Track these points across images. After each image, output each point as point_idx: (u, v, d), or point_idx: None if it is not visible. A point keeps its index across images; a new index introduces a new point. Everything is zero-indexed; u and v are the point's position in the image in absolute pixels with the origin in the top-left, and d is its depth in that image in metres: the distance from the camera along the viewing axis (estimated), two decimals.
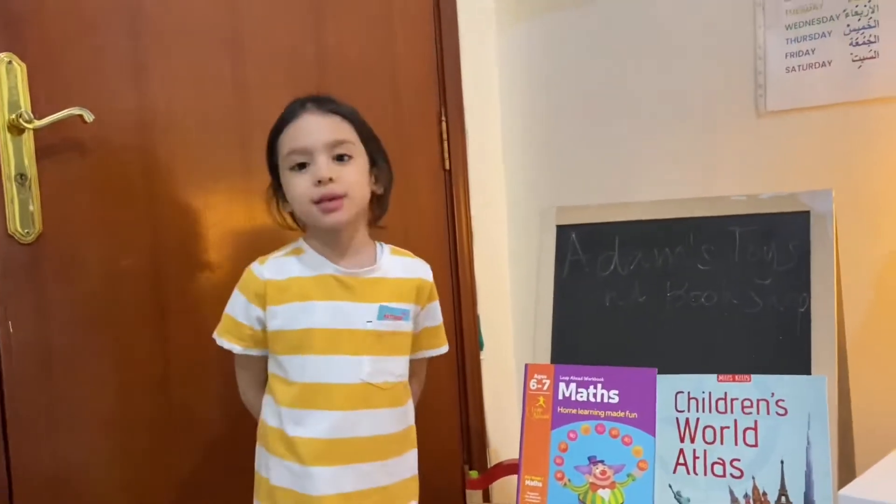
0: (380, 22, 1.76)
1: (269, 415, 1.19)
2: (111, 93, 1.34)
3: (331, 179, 1.14)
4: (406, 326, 1.25)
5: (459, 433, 1.91)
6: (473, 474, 1.80)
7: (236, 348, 1.21)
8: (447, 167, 1.88)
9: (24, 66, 1.24)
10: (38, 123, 1.22)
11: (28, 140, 1.24)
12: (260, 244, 1.30)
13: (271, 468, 1.18)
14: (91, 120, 1.26)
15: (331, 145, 1.16)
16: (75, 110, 1.25)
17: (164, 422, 1.39)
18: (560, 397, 1.30)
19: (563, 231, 1.38)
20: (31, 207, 1.24)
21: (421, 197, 1.84)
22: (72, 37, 1.30)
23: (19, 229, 1.23)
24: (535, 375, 1.34)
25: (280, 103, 1.25)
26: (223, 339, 1.21)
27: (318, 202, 1.15)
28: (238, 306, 1.20)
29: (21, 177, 1.23)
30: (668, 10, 1.63)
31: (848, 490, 0.84)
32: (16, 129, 1.22)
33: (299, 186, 1.16)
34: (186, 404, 1.40)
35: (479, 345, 1.96)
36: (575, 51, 1.81)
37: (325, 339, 1.17)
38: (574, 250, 1.36)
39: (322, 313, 1.17)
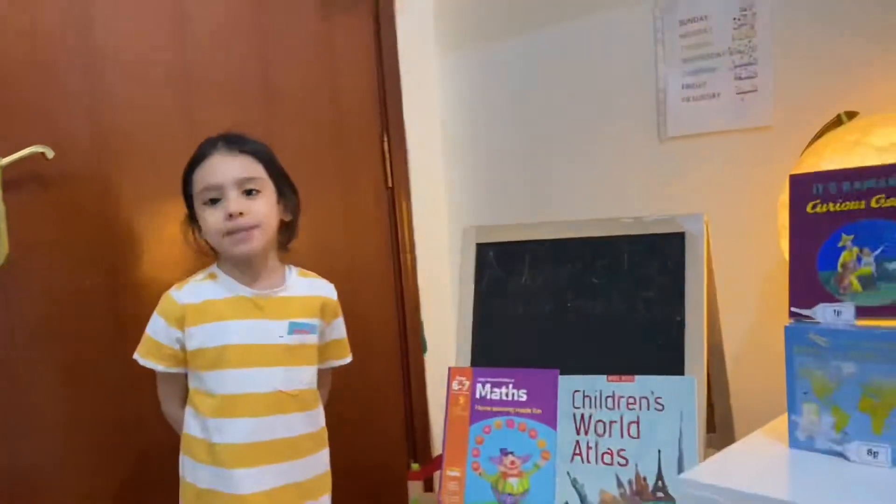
0: (322, 47, 1.91)
1: (193, 426, 1.34)
2: (69, 128, 1.48)
3: (241, 213, 1.29)
4: (312, 339, 1.42)
5: (404, 429, 2.08)
6: (415, 467, 1.97)
7: (158, 367, 1.34)
8: (389, 185, 2.03)
9: None
10: (3, 161, 1.36)
11: None
12: (207, 260, 1.45)
13: (198, 473, 1.33)
14: (51, 157, 1.40)
15: (240, 182, 1.31)
16: (37, 148, 1.39)
17: (120, 426, 1.54)
18: (477, 396, 1.47)
19: (481, 248, 1.54)
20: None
21: (366, 213, 2.00)
22: (31, 78, 1.44)
23: None
24: (457, 377, 1.50)
25: (225, 126, 1.39)
26: (146, 360, 1.35)
27: (229, 234, 1.31)
28: (159, 329, 1.34)
29: None
30: (583, 43, 1.79)
31: (686, 474, 1.01)
32: None
33: (211, 220, 1.31)
34: (139, 410, 1.55)
35: (423, 347, 2.12)
36: (507, 77, 1.97)
37: (241, 354, 1.32)
38: (491, 266, 1.52)
39: (237, 331, 1.33)
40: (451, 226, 2.13)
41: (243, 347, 1.33)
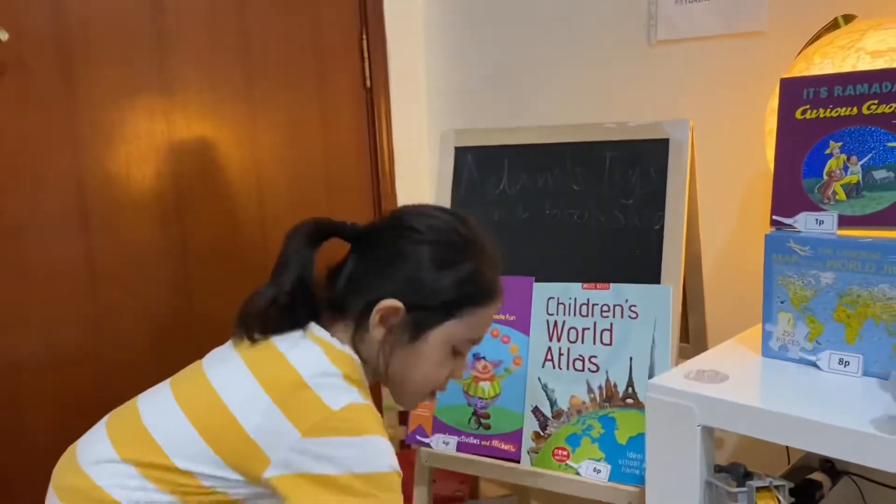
0: None
1: None
2: (29, 12, 1.40)
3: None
4: None
5: None
6: None
7: None
8: (368, 85, 1.96)
9: None
10: None
11: None
12: (181, 155, 1.39)
13: None
14: (5, 39, 1.32)
15: None
16: None
17: (93, 316, 1.52)
18: None
19: (460, 152, 1.49)
20: None
21: (342, 114, 1.93)
22: None
23: None
24: None
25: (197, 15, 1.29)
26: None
27: (432, 393, 1.05)
28: (392, 452, 0.92)
29: None
30: None
31: (656, 379, 1.00)
32: None
33: (442, 372, 1.00)
34: (110, 299, 1.53)
35: None
36: None
37: None
38: (469, 170, 1.48)
39: None
40: (431, 130, 2.07)
41: None
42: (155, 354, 1.59)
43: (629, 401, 1.25)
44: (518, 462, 1.32)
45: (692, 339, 1.40)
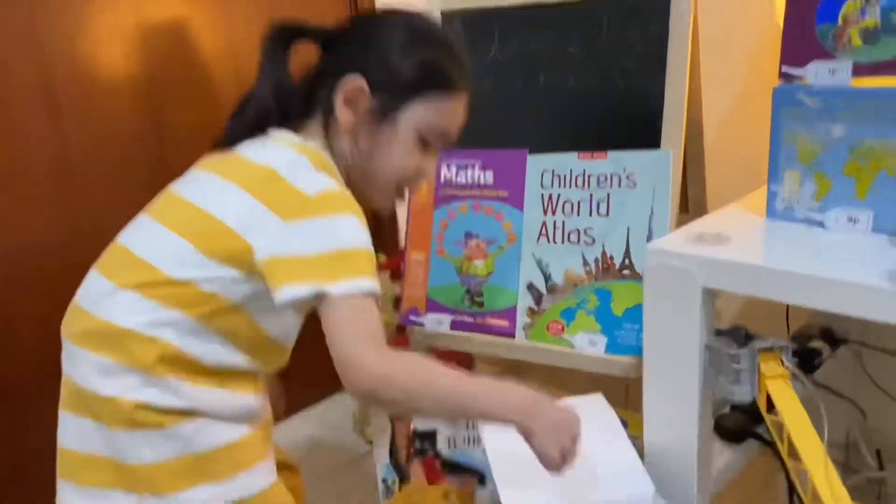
0: None
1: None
2: None
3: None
4: None
5: (369, 220, 2.02)
6: (381, 258, 1.93)
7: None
8: None
9: None
10: None
11: None
12: (152, 36, 1.29)
13: None
14: None
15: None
16: None
17: (70, 209, 1.46)
18: (443, 180, 1.39)
19: (446, 18, 1.40)
20: None
21: None
22: None
23: None
24: None
25: None
26: (376, 283, 0.85)
27: (400, 186, 1.02)
28: (366, 237, 0.88)
29: None
30: None
31: (654, 243, 0.96)
32: None
33: (411, 161, 0.98)
34: (86, 190, 1.47)
35: None
36: None
37: None
38: (458, 36, 1.39)
39: None
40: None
41: None
42: None
43: (626, 272, 1.21)
44: (513, 338, 1.29)
45: (691, 208, 1.36)
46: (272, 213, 0.86)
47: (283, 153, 0.92)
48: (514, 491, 0.94)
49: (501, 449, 1.02)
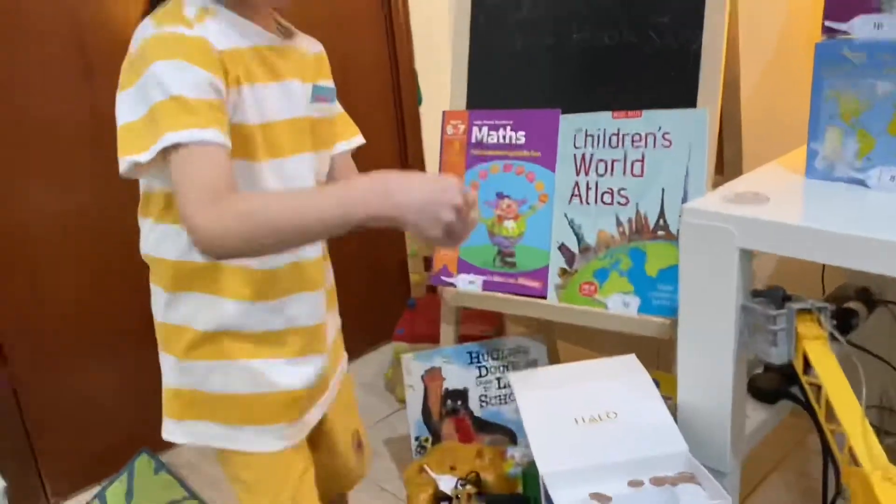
0: None
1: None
2: None
3: None
4: (334, 112, 1.02)
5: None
6: None
7: (220, 136, 0.77)
8: None
9: None
10: None
11: None
12: None
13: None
14: None
15: None
16: None
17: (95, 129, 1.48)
18: (473, 141, 1.38)
19: None
20: None
21: None
22: None
23: None
24: (451, 121, 1.41)
25: None
26: (211, 129, 0.76)
27: None
28: (201, 80, 0.78)
29: None
30: None
31: (691, 203, 0.95)
32: None
33: None
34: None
35: (418, 99, 2.01)
36: None
37: (286, 135, 0.89)
38: None
39: (277, 99, 0.88)
40: None
41: (285, 125, 0.89)
42: None
43: (660, 233, 1.20)
44: (545, 298, 1.30)
45: (727, 169, 1.33)
46: (118, 92, 0.81)
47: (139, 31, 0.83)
48: (547, 449, 0.95)
49: (534, 406, 1.03)
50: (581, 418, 0.99)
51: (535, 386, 1.09)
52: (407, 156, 2.00)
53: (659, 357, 1.31)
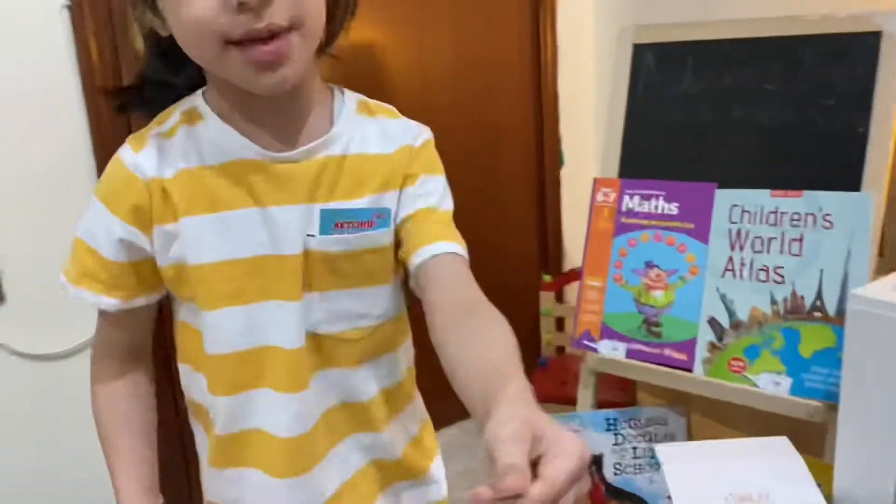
0: None
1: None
2: None
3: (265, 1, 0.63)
4: (382, 238, 0.78)
5: (537, 242, 2.07)
6: (547, 278, 1.98)
7: (101, 300, 0.76)
8: None
9: None
10: None
11: None
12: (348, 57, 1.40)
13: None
14: None
15: None
16: None
17: None
18: (624, 209, 1.42)
19: (639, 50, 1.42)
20: None
21: (505, 14, 1.88)
22: None
23: None
24: (602, 189, 1.45)
25: None
26: (78, 287, 0.75)
27: (241, 44, 0.65)
28: (97, 226, 0.74)
29: None
30: None
31: (858, 290, 0.94)
32: None
33: (198, 5, 0.63)
34: None
35: (560, 161, 2.07)
36: None
37: (245, 276, 0.74)
38: (649, 69, 1.41)
39: (242, 233, 0.74)
40: (598, 27, 1.98)
41: (247, 264, 0.74)
42: None
43: (817, 314, 1.19)
44: (690, 371, 1.30)
45: (889, 251, 1.30)
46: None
47: None
48: None
49: (682, 479, 1.03)
50: (731, 495, 0.99)
51: (682, 458, 1.09)
52: (546, 218, 2.05)
53: (798, 440, 1.27)
